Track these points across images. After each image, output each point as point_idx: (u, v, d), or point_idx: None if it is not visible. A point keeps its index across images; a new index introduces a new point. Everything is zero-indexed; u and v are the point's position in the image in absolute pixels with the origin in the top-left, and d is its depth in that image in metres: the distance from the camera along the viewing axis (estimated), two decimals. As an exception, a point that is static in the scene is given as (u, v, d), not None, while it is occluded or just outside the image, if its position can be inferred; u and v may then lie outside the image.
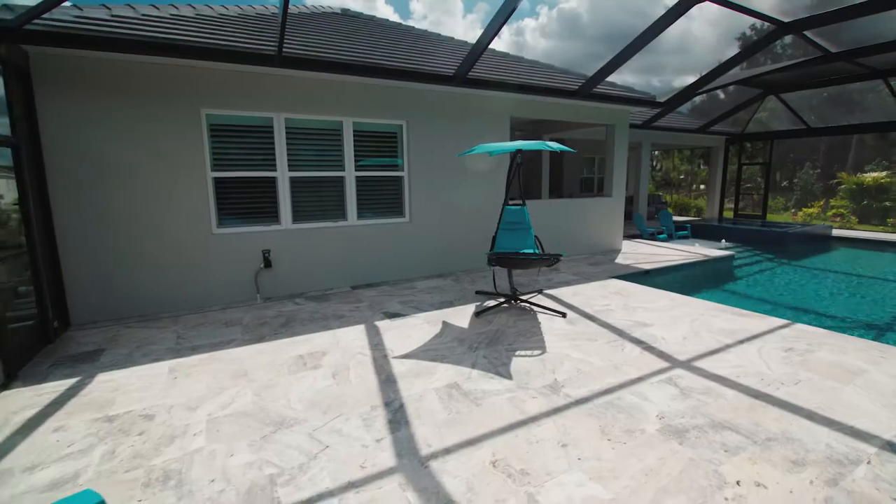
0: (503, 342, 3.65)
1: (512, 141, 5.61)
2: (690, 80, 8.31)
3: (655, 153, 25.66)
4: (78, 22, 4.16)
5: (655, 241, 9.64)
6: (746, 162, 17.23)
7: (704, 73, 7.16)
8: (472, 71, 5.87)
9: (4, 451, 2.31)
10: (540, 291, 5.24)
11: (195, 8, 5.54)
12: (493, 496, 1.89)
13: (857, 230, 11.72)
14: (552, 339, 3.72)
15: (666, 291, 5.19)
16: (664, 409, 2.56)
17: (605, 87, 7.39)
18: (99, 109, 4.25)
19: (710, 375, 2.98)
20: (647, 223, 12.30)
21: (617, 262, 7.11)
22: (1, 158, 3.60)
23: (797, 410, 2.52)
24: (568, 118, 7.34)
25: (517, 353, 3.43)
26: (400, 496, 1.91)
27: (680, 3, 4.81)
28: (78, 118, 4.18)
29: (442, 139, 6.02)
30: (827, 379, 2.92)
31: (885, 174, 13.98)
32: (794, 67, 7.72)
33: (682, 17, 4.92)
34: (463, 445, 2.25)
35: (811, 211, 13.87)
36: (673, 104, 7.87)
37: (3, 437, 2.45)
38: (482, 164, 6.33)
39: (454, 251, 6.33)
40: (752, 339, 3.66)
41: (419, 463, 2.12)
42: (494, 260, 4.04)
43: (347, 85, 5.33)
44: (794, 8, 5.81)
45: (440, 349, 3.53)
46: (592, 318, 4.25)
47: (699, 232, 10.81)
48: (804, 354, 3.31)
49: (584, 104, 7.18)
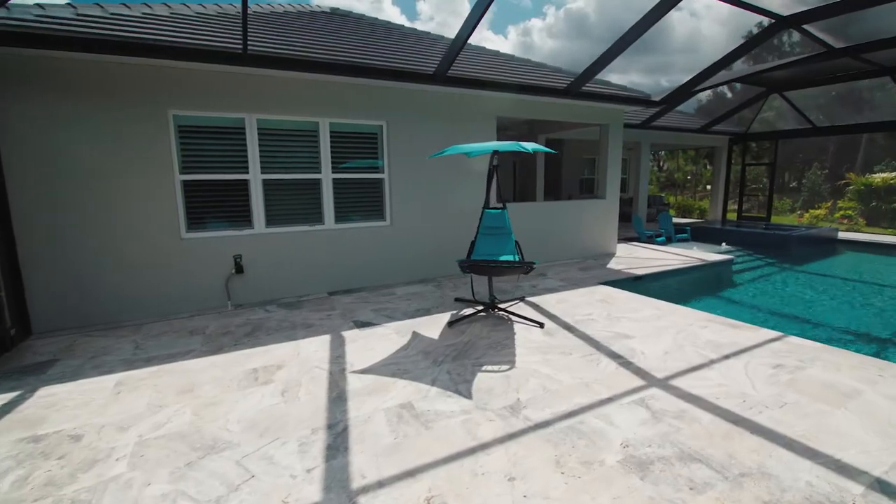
0: (471, 355, 3.43)
1: (504, 141, 5.38)
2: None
3: (662, 153, 25.26)
4: (39, 21, 4.03)
5: (653, 244, 9.35)
6: (752, 162, 16.82)
7: (702, 70, 6.88)
8: (455, 69, 5.67)
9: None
10: (522, 299, 5.01)
11: (171, 7, 5.41)
12: (420, 541, 1.68)
13: (864, 233, 11.29)
14: (524, 352, 3.49)
15: (654, 299, 4.93)
16: (630, 435, 2.32)
17: (597, 85, 7.14)
18: (61, 110, 4.11)
19: (687, 396, 2.74)
20: (646, 225, 11.99)
21: (609, 266, 6.85)
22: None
23: (778, 439, 2.28)
24: (559, 118, 7.10)
25: (483, 368, 3.21)
26: (317, 539, 1.71)
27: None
28: (39, 119, 4.04)
29: (424, 140, 5.82)
30: (816, 401, 2.66)
31: (894, 175, 13.49)
32: (796, 64, 7.40)
33: (670, 11, 4.67)
34: (400, 477, 2.04)
35: (818, 213, 13.41)
36: (668, 103, 7.59)
37: (-85, 460, 2.29)
38: (467, 165, 6.12)
39: (437, 256, 6.12)
40: (739, 353, 3.40)
41: (347, 498, 1.92)
42: (466, 267, 3.82)
43: (323, 84, 5.15)
44: (793, 1, 5.53)
45: (403, 363, 3.32)
46: (571, 328, 4.02)
47: (699, 235, 10.48)
48: (794, 372, 3.05)
49: (575, 103, 6.94)
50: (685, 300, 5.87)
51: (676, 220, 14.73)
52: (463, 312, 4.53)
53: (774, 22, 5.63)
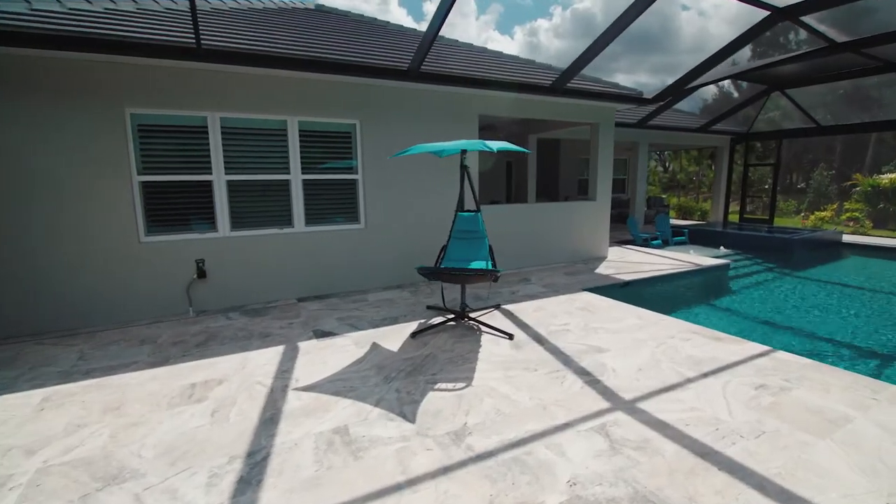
0: (427, 371, 3.18)
1: (472, 140, 5.12)
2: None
3: (665, 154, 24.81)
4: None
5: (648, 247, 9.03)
6: (756, 163, 16.35)
7: (694, 67, 6.57)
8: (433, 66, 5.43)
9: None
10: (498, 306, 4.75)
11: (137, 2, 5.22)
12: None
13: (871, 236, 10.83)
14: (486, 367, 3.23)
15: (638, 308, 4.64)
16: (581, 471, 2.06)
17: (586, 82, 6.86)
18: (10, 109, 3.92)
19: (653, 422, 2.46)
20: (644, 228, 11.65)
21: (597, 271, 6.56)
22: None
23: (749, 478, 2.00)
24: (547, 116, 6.83)
25: (437, 385, 2.95)
26: None
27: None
28: (-18, 118, 3.86)
29: (401, 140, 5.57)
30: (798, 430, 2.37)
31: (904, 175, 13.01)
32: (797, 60, 7.06)
33: (651, 5, 4.39)
34: (308, 521, 1.80)
35: (824, 214, 12.94)
36: (661, 100, 7.28)
37: None
38: (447, 165, 5.87)
39: (415, 260, 5.86)
40: (720, 371, 3.11)
41: (240, 547, 1.68)
42: (426, 274, 3.57)
43: (291, 81, 4.94)
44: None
45: (352, 379, 3.08)
46: (543, 340, 3.75)
47: (698, 237, 10.13)
48: (777, 394, 2.76)
49: (563, 101, 6.66)
50: (672, 308, 5.58)
51: (676, 222, 14.35)
52: (431, 321, 4.27)
53: (770, 14, 5.32)
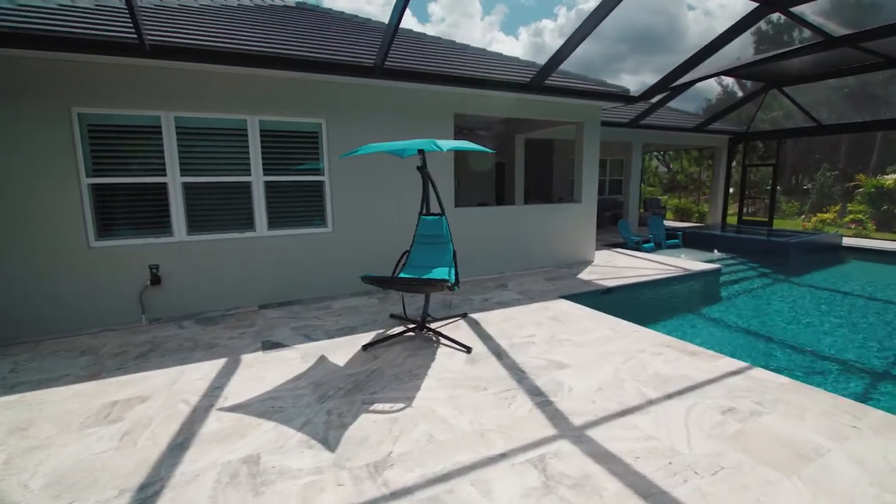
0: (368, 389, 2.94)
1: (422, 139, 4.87)
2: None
3: (667, 154, 24.38)
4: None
5: (639, 251, 8.72)
6: (755, 163, 15.94)
7: (681, 63, 6.28)
8: (403, 62, 5.21)
9: None
10: (464, 315, 4.49)
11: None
12: None
13: (873, 239, 10.41)
14: (432, 385, 2.98)
15: (614, 318, 4.36)
16: (503, 515, 1.80)
17: (571, 80, 6.59)
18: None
19: (600, 454, 2.20)
20: (638, 230, 11.35)
21: (580, 277, 6.28)
22: None
23: (695, 526, 1.73)
24: (527, 115, 6.58)
25: (373, 406, 2.71)
26: None
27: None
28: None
29: (371, 140, 5.33)
30: (762, 464, 2.10)
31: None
32: (791, 55, 6.74)
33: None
34: (174, 576, 1.56)
35: (826, 216, 12.51)
36: (648, 97, 6.99)
37: None
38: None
39: (386, 265, 5.61)
40: (687, 391, 2.84)
41: None
42: (373, 284, 3.32)
43: (251, 79, 4.72)
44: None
45: (284, 398, 2.84)
46: (502, 354, 3.49)
47: (693, 240, 9.80)
48: (746, 420, 2.49)
49: (543, 99, 6.40)
50: (653, 318, 5.29)
51: (673, 224, 14.00)
52: (390, 332, 4.03)
53: (758, 6, 5.03)
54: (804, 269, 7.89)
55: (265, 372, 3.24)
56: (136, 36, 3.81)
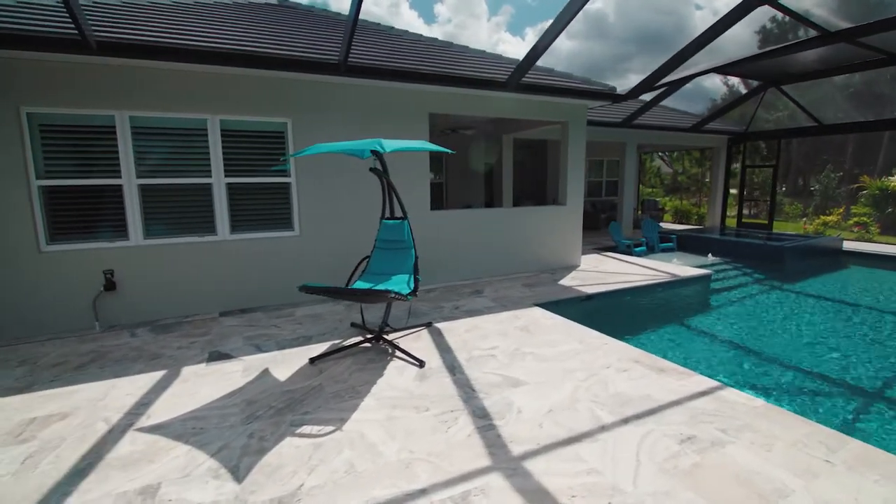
0: (301, 408, 2.73)
1: (371, 139, 4.66)
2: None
3: (669, 155, 23.96)
4: None
5: (631, 254, 8.44)
6: (754, 164, 15.54)
7: (668, 59, 6.01)
8: (371, 59, 5.01)
9: None
10: (429, 325, 4.27)
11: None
12: None
13: (877, 243, 9.99)
14: (372, 404, 2.77)
15: (586, 328, 4.12)
16: (402, 567, 1.59)
17: (555, 78, 6.35)
18: None
19: (532, 491, 1.97)
20: (633, 233, 11.06)
21: (561, 282, 6.03)
22: None
23: (619, 587, 1.50)
24: (507, 114, 6.34)
25: (301, 429, 2.50)
26: None
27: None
28: None
29: (339, 140, 5.14)
30: (713, 507, 1.86)
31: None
32: (785, 52, 6.44)
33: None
34: None
35: (829, 219, 12.09)
36: (635, 96, 6.72)
37: None
38: (394, 165, 5.41)
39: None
40: (646, 415, 2.59)
41: None
42: (313, 293, 3.10)
43: (211, 77, 4.55)
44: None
45: (209, 417, 2.64)
46: (456, 369, 3.27)
47: (687, 244, 9.49)
48: (705, 451, 2.24)
49: (524, 98, 6.17)
50: (630, 328, 5.04)
51: (671, 226, 13.67)
52: (347, 342, 3.82)
53: (746, -1, 4.75)
54: (800, 274, 7.56)
55: (201, 387, 3.04)
56: (76, 32, 3.64)
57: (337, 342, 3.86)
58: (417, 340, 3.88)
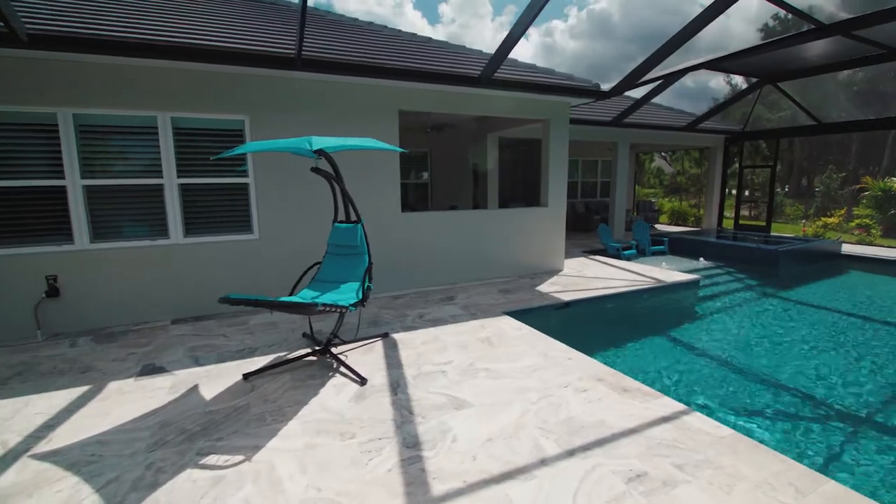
0: (216, 433, 2.48)
1: (306, 136, 4.39)
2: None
3: (669, 155, 23.55)
4: None
5: (619, 258, 8.14)
6: (751, 164, 15.12)
7: (652, 53, 5.71)
8: (334, 53, 4.76)
9: None
10: (386, 336, 4.01)
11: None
12: None
13: (876, 246, 9.58)
14: (295, 430, 2.51)
15: (552, 340, 3.84)
16: None
17: (536, 73, 6.07)
18: None
19: (441, 543, 1.70)
20: (626, 235, 10.75)
21: (539, 288, 5.75)
22: None
23: None
24: (483, 112, 6.06)
25: (206, 459, 2.25)
26: None
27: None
28: None
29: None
30: (648, 568, 1.58)
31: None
32: (780, 45, 6.12)
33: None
34: None
35: (830, 221, 11.67)
36: (619, 93, 6.43)
37: None
38: (362, 164, 5.16)
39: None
40: (594, 446, 2.32)
41: None
42: (232, 304, 2.84)
43: (161, 72, 4.31)
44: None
45: (112, 443, 2.40)
46: (399, 388, 3.00)
47: (680, 247, 9.16)
48: (654, 493, 1.96)
49: (500, 94, 5.88)
50: (604, 339, 4.74)
51: (667, 228, 13.32)
52: (291, 355, 3.57)
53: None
54: (795, 280, 7.20)
55: (117, 406, 2.80)
56: (2, 24, 3.41)
57: (282, 354, 3.61)
58: (368, 353, 3.62)
